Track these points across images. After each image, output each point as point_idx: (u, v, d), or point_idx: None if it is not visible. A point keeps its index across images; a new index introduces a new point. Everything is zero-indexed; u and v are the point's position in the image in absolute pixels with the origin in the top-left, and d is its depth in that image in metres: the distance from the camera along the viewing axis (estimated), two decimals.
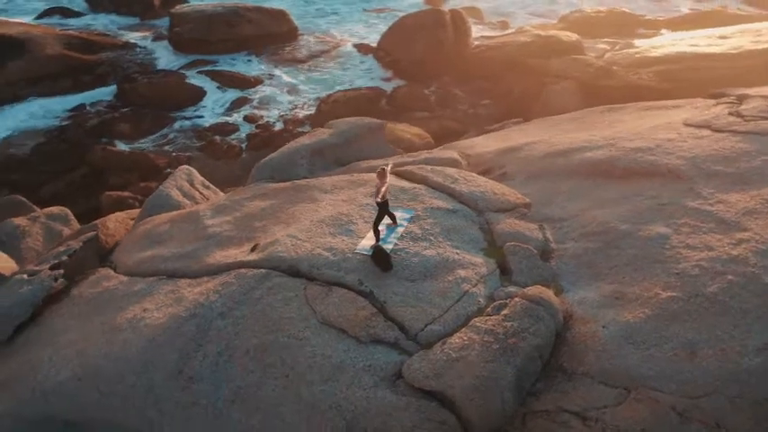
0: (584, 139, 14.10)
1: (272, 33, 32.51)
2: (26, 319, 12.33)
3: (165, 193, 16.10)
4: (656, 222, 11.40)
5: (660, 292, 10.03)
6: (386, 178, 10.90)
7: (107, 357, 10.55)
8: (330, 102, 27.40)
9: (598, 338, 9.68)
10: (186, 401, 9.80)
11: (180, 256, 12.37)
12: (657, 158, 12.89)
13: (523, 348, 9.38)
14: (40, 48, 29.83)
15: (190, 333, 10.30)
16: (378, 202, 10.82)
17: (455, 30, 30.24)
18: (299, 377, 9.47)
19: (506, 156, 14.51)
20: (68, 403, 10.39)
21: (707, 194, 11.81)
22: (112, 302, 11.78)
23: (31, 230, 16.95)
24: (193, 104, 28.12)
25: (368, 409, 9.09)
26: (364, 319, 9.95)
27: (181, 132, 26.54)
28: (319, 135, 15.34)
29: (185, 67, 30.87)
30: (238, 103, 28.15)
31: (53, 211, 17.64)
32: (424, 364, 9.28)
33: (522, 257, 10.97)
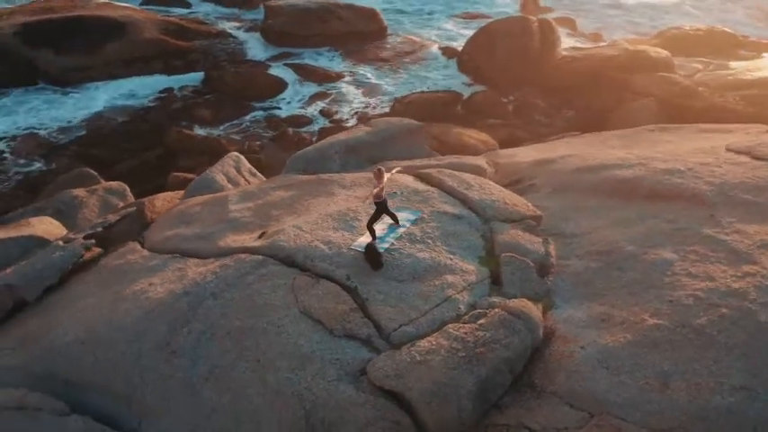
0: (618, 157, 13.68)
1: (360, 31, 33.01)
2: (55, 282, 13.07)
3: (211, 177, 16.69)
4: (665, 247, 10.98)
5: (647, 318, 9.68)
6: (382, 178, 10.97)
7: (107, 324, 11.10)
8: (405, 102, 27.59)
9: (573, 359, 9.44)
10: (166, 373, 10.20)
11: (198, 236, 12.83)
12: (685, 182, 12.38)
13: (491, 359, 9.26)
14: (139, 31, 31.43)
15: (181, 309, 10.69)
16: (375, 201, 10.91)
17: (542, 39, 29.79)
18: (268, 362, 9.70)
19: (539, 167, 14.27)
20: (70, 364, 10.99)
21: (725, 223, 11.26)
22: (128, 275, 12.34)
23: (88, 202, 17.90)
24: (274, 95, 28.92)
25: (327, 401, 9.22)
26: (342, 314, 10.07)
27: (256, 122, 27.36)
28: (356, 132, 15.54)
29: (272, 58, 31.79)
30: (316, 98, 28.76)
31: (112, 186, 18.57)
32: (388, 364, 9.31)
33: (515, 269, 10.80)
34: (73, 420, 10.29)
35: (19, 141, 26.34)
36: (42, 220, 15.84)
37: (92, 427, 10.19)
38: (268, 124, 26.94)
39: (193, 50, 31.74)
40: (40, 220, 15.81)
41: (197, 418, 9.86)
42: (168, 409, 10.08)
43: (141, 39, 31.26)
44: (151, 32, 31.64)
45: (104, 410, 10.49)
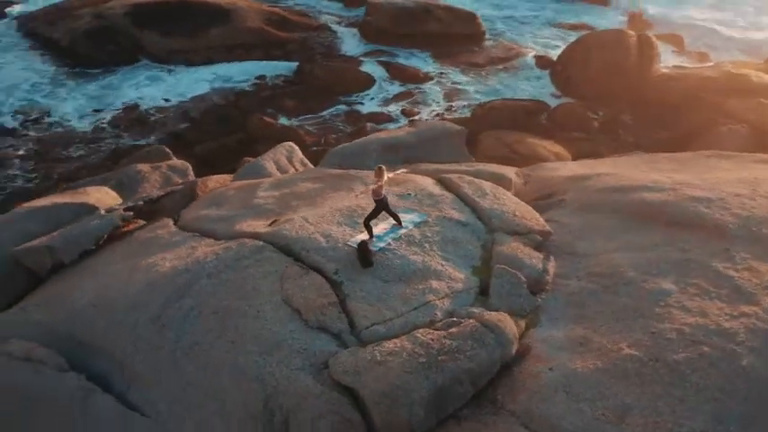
0: (653, 180, 13.12)
1: (457, 34, 32.87)
2: (90, 248, 13.86)
3: (261, 164, 17.17)
4: (668, 276, 10.48)
5: (624, 347, 9.29)
6: (382, 176, 11.01)
7: (118, 292, 11.72)
8: (487, 108, 27.32)
9: (539, 379, 9.21)
10: (156, 344, 10.67)
11: (221, 218, 13.29)
12: (710, 212, 11.73)
13: (451, 369, 9.15)
14: (242, 19, 32.60)
15: (178, 284, 11.13)
16: (374, 198, 10.96)
17: (640, 55, 28.70)
18: (242, 344, 9.98)
19: (573, 183, 13.88)
20: (83, 326, 11.65)
21: (739, 259, 10.61)
22: (151, 248, 12.94)
23: (150, 177, 18.75)
24: (360, 91, 29.30)
25: (287, 389, 9.41)
26: (320, 307, 10.21)
27: (337, 115, 27.83)
28: (397, 131, 15.59)
29: (365, 54, 32.20)
30: (401, 96, 28.92)
31: (176, 164, 19.38)
32: (350, 360, 9.39)
33: (505, 282, 10.59)
34: (69, 377, 10.93)
35: (118, 115, 27.90)
36: (99, 189, 16.75)
37: (84, 385, 10.79)
38: (348, 119, 27.35)
39: (292, 41, 32.59)
40: (97, 189, 16.73)
41: (175, 389, 10.27)
42: (153, 378, 10.56)
43: (244, 27, 32.41)
44: (254, 21, 32.75)
45: (101, 372, 11.09)
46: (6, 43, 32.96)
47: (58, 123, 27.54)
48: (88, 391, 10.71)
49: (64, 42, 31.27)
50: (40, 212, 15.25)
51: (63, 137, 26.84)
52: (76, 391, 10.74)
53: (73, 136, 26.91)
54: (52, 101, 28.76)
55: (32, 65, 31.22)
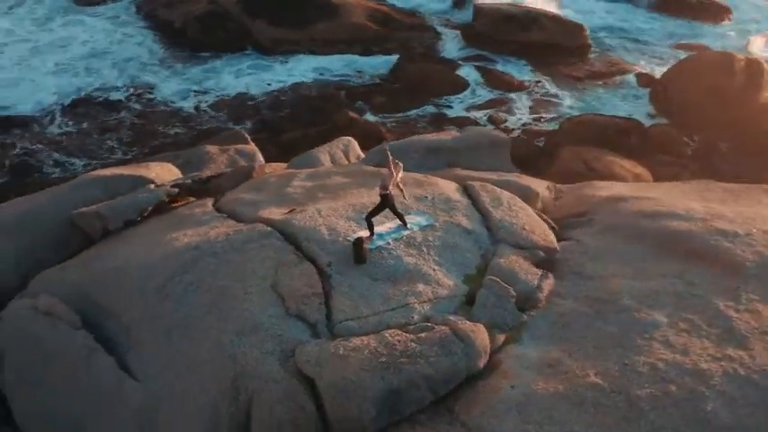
0: (687, 208, 12.48)
1: (560, 45, 32.09)
2: (134, 218, 14.62)
3: (316, 155, 17.55)
4: (664, 309, 10.03)
5: (591, 375, 9.01)
6: (398, 173, 11.09)
7: (136, 261, 12.40)
8: (575, 121, 26.61)
9: (497, 395, 9.08)
10: (156, 312, 11.26)
11: (250, 203, 13.73)
12: (731, 247, 11.08)
13: (408, 372, 9.16)
14: (349, 15, 33.24)
15: (185, 260, 11.65)
16: (380, 193, 11.02)
17: (748, 79, 27.06)
18: (224, 323, 10.37)
19: (608, 204, 13.41)
20: (101, 289, 12.42)
21: (745, 299, 10.00)
22: (182, 224, 13.50)
23: (218, 159, 19.54)
24: (451, 94, 29.24)
25: (254, 370, 9.73)
26: (304, 296, 10.43)
27: (424, 117, 27.92)
28: (442, 135, 15.54)
29: (464, 58, 32.05)
30: (491, 103, 28.62)
31: (245, 148, 20.09)
32: (314, 351, 9.57)
33: (492, 294, 10.43)
34: (79, 334, 11.69)
35: (217, 99, 29.15)
36: (162, 165, 17.59)
37: (90, 344, 11.51)
38: (433, 120, 27.40)
39: (393, 39, 32.90)
40: (160, 165, 17.57)
41: (165, 358, 10.81)
42: (149, 344, 11.14)
43: (349, 22, 33.04)
44: (359, 17, 33.33)
45: (109, 334, 11.79)
46: (124, 21, 35.17)
47: (160, 101, 29.10)
48: (92, 349, 11.41)
49: (177, 25, 33.00)
50: (102, 181, 16.18)
51: (163, 114, 28.32)
52: (82, 348, 11.48)
53: (172, 114, 28.34)
54: (159, 79, 30.41)
55: (146, 43, 33.15)
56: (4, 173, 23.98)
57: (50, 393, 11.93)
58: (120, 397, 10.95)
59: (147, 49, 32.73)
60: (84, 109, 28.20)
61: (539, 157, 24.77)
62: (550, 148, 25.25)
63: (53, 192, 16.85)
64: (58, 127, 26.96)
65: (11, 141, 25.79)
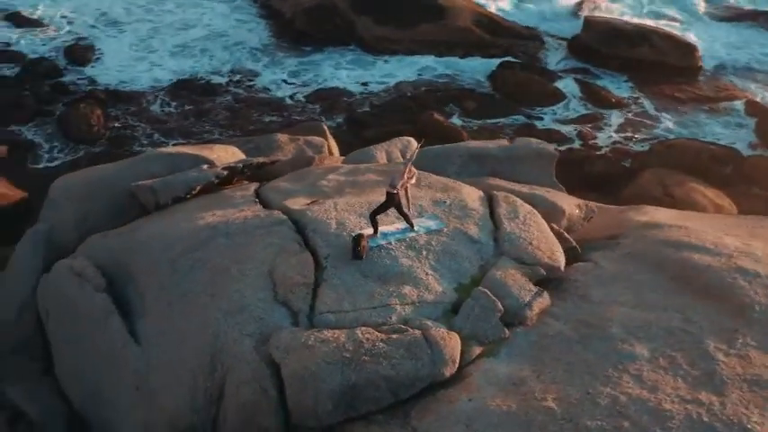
0: (718, 242, 11.76)
1: (669, 64, 30.65)
2: (182, 195, 15.29)
3: (372, 152, 17.74)
4: (651, 342, 9.56)
5: (549, 399, 8.75)
6: (411, 178, 11.14)
7: (164, 234, 13.05)
8: (667, 144, 25.43)
9: (452, 406, 9.02)
10: (164, 283, 11.85)
11: (284, 191, 14.11)
12: (746, 287, 10.38)
13: (368, 371, 9.21)
14: (455, 18, 33.12)
15: (200, 238, 12.17)
16: (387, 191, 11.06)
17: None
18: (216, 301, 10.80)
19: (640, 230, 12.83)
20: (130, 255, 13.05)
21: (740, 344, 9.36)
22: (219, 205, 13.99)
23: (286, 147, 20.05)
24: (545, 105, 28.64)
25: (230, 349, 10.13)
26: (294, 285, 10.66)
27: (512, 126, 27.46)
28: (488, 143, 15.29)
29: (565, 70, 31.24)
30: (585, 119, 27.73)
31: (313, 140, 20.49)
32: (286, 338, 9.81)
33: (477, 306, 10.27)
34: (100, 296, 12.38)
35: (314, 92, 29.83)
36: (227, 148, 18.27)
37: (108, 306, 12.20)
38: (521, 131, 26.87)
39: (496, 45, 32.52)
40: (224, 147, 18.27)
41: (163, 327, 11.38)
42: (154, 313, 11.73)
43: (454, 25, 32.93)
44: (465, 21, 33.15)
45: (128, 299, 12.45)
46: (240, 7, 36.61)
47: (259, 88, 30.09)
48: (109, 312, 12.09)
49: (288, 16, 33.99)
50: (165, 158, 16.99)
51: (260, 101, 29.28)
52: (102, 310, 12.18)
53: (269, 102, 29.26)
54: (261, 67, 31.47)
55: (256, 31, 34.36)
56: (102, 143, 25.58)
57: (78, 351, 12.75)
58: (124, 360, 11.59)
59: (257, 36, 33.92)
60: (187, 90, 29.56)
61: (620, 177, 23.95)
62: (634, 170, 24.33)
63: (121, 164, 17.89)
64: (159, 105, 28.43)
65: (114, 114, 27.46)
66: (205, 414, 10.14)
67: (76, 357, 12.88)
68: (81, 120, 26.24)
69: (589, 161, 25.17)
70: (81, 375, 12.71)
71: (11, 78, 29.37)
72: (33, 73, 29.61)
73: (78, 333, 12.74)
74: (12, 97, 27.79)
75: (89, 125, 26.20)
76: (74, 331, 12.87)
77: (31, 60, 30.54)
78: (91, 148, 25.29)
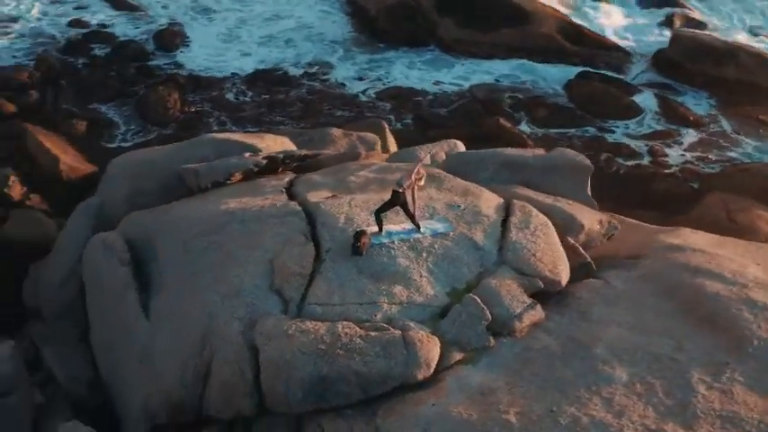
0: (735, 270, 11.16)
1: (755, 84, 29.11)
2: (221, 180, 15.77)
3: (416, 152, 17.77)
4: (633, 367, 9.30)
5: (511, 413, 8.70)
6: (419, 180, 11.18)
7: (190, 215, 13.53)
8: (741, 168, 24.23)
9: (416, 409, 9.08)
10: (178, 262, 12.38)
11: (310, 183, 14.39)
12: (749, 320, 9.87)
13: (340, 365, 9.36)
14: (538, 24, 32.53)
15: (217, 223, 12.59)
16: (393, 189, 11.12)
17: None
18: (217, 283, 11.20)
19: (664, 251, 12.30)
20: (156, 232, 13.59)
21: (726, 378, 8.96)
22: (248, 192, 14.29)
23: (339, 141, 20.36)
24: (621, 119, 27.85)
25: (219, 330, 10.55)
26: (290, 275, 10.90)
27: (581, 137, 26.78)
28: (524, 151, 15.03)
29: (646, 84, 30.20)
30: (658, 135, 26.68)
31: (366, 136, 20.69)
32: (270, 324, 10.08)
33: (465, 312, 10.21)
34: (122, 270, 12.97)
35: (386, 89, 30.01)
36: (277, 138, 18.72)
37: (127, 280, 12.83)
38: (589, 143, 26.17)
39: (577, 55, 31.77)
40: (274, 137, 18.72)
41: (171, 304, 11.84)
42: (166, 290, 12.19)
43: (536, 32, 32.36)
44: (548, 28, 32.54)
45: (149, 276, 12.98)
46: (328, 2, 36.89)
47: (334, 83, 30.46)
48: (128, 286, 12.68)
49: (372, 13, 34.26)
50: (216, 142, 17.59)
51: (333, 96, 29.64)
52: (122, 283, 12.77)
53: (341, 97, 29.57)
54: (338, 61, 31.85)
55: (339, 26, 34.73)
56: (174, 126, 26.52)
57: (104, 322, 13.44)
58: (135, 334, 12.12)
59: (340, 31, 34.31)
60: (264, 81, 30.23)
61: (685, 198, 23.08)
62: (702, 192, 23.39)
63: (175, 146, 18.61)
64: (235, 94, 29.24)
65: (192, 99, 28.40)
66: (193, 390, 10.50)
67: (103, 327, 13.55)
68: (158, 102, 27.30)
69: (655, 179, 24.34)
70: (107, 346, 13.36)
71: (101, 58, 30.79)
72: (121, 55, 30.92)
73: (104, 304, 13.40)
74: (98, 77, 29.18)
75: (165, 108, 27.22)
76: (102, 302, 13.53)
77: (121, 42, 31.88)
78: (163, 131, 26.26)
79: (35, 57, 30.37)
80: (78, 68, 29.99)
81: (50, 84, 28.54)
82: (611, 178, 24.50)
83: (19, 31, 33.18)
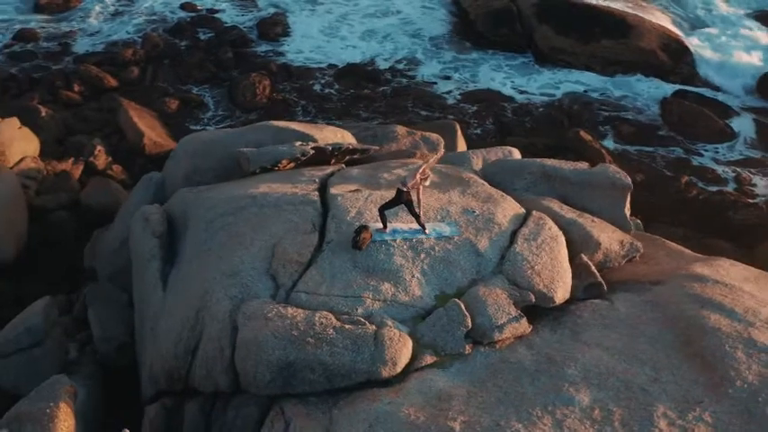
0: (749, 307, 10.45)
1: None
2: (267, 166, 16.24)
3: (467, 156, 17.69)
4: (599, 392, 8.98)
5: (456, 422, 8.66)
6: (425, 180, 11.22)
7: (219, 195, 13.98)
8: None
9: (370, 406, 9.14)
10: (196, 240, 12.87)
11: (344, 177, 14.59)
12: (740, 360, 9.20)
13: (307, 353, 9.56)
14: (639, 38, 31.29)
15: (239, 205, 13.03)
16: (398, 187, 11.20)
17: None
18: (221, 262, 11.62)
19: (683, 280, 11.66)
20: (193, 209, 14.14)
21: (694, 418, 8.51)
22: (283, 179, 14.62)
23: (402, 140, 20.39)
24: (710, 142, 26.59)
25: (211, 307, 10.98)
26: (288, 261, 11.18)
27: (665, 158, 25.71)
28: (565, 163, 14.58)
29: (747, 108, 28.68)
30: (749, 163, 25.15)
31: (430, 136, 20.65)
32: (254, 306, 10.40)
33: (445, 317, 10.14)
34: (152, 241, 13.63)
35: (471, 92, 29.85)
36: (337, 131, 19.03)
37: (154, 251, 13.45)
38: (672, 164, 25.16)
39: (677, 72, 30.46)
40: (335, 130, 19.05)
41: (183, 277, 12.38)
42: (181, 265, 12.75)
43: (637, 45, 31.18)
44: (650, 42, 31.32)
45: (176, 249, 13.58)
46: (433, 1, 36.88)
47: (421, 81, 30.61)
48: (153, 256, 13.33)
49: (471, 16, 34.10)
50: (274, 129, 18.07)
51: (419, 94, 29.73)
52: (149, 253, 13.44)
53: (426, 96, 29.61)
54: (429, 60, 31.97)
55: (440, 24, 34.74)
56: (259, 111, 27.43)
57: (136, 288, 14.18)
58: (151, 302, 12.77)
59: (438, 31, 34.34)
60: (354, 74, 30.74)
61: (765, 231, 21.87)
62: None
63: (239, 129, 19.35)
64: (323, 85, 29.94)
65: (281, 87, 29.29)
66: (182, 362, 10.98)
67: (135, 293, 14.30)
68: (247, 88, 28.30)
69: (737, 208, 23.10)
70: (136, 311, 14.08)
71: (203, 42, 32.23)
72: (223, 40, 32.22)
73: (137, 271, 14.12)
74: (197, 59, 30.51)
75: (253, 94, 28.20)
76: (137, 269, 14.26)
77: (225, 28, 33.20)
78: (248, 116, 27.21)
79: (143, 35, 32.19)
80: (180, 50, 31.51)
81: (152, 62, 30.17)
82: (690, 202, 23.50)
83: (136, 11, 35.19)
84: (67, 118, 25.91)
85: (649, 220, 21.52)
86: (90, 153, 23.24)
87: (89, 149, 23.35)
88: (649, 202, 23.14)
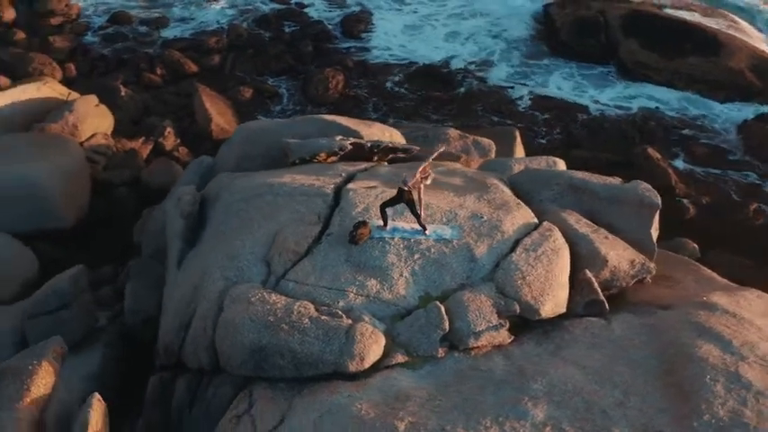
0: (747, 341, 9.85)
1: None
2: (306, 158, 16.55)
3: (509, 164, 17.53)
4: (557, 410, 8.77)
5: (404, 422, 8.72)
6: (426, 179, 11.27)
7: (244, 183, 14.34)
8: None
9: (328, 397, 9.30)
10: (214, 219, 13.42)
11: (372, 173, 14.73)
12: (719, 395, 8.76)
13: (278, 339, 9.82)
14: (728, 57, 29.87)
15: (258, 192, 13.45)
16: (400, 185, 11.28)
17: None
18: (227, 243, 12.04)
19: (691, 307, 11.19)
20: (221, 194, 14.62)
21: None
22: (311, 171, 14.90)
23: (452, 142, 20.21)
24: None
25: (206, 287, 11.38)
26: (286, 250, 11.45)
27: (737, 182, 24.70)
28: (593, 176, 14.17)
29: None
30: None
31: (482, 141, 20.47)
32: (241, 290, 10.74)
33: (423, 318, 10.14)
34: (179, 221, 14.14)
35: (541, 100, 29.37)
36: (384, 129, 19.20)
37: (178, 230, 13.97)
38: (743, 189, 24.14)
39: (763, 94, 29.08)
40: (383, 128, 19.20)
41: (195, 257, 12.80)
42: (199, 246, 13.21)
43: (724, 64, 29.84)
44: (738, 62, 29.87)
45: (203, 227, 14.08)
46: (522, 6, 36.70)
47: (494, 86, 30.34)
48: (177, 235, 13.89)
49: (557, 24, 33.47)
50: (321, 122, 18.41)
51: (489, 97, 29.54)
52: (174, 232, 14.01)
53: (497, 100, 29.42)
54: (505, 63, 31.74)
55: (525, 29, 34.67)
56: (328, 105, 27.90)
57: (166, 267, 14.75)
58: (169, 278, 13.34)
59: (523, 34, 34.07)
60: (427, 75, 30.89)
61: None
62: None
63: (290, 120, 19.85)
64: (395, 84, 30.17)
65: (354, 83, 29.68)
66: (176, 337, 11.44)
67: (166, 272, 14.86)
68: (320, 82, 28.86)
69: None
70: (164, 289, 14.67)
71: (286, 34, 33.03)
72: (306, 33, 32.91)
73: (168, 250, 14.71)
74: (278, 51, 31.35)
75: (326, 88, 28.74)
76: (168, 248, 14.86)
77: (310, 22, 33.89)
78: (318, 110, 27.56)
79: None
80: (263, 41, 32.42)
81: (233, 51, 31.15)
82: (756, 231, 22.51)
83: (231, 1, 36.37)
84: (147, 99, 27.17)
85: (710, 245, 20.82)
86: (160, 134, 24.28)
87: (159, 130, 24.41)
88: (712, 228, 22.35)
